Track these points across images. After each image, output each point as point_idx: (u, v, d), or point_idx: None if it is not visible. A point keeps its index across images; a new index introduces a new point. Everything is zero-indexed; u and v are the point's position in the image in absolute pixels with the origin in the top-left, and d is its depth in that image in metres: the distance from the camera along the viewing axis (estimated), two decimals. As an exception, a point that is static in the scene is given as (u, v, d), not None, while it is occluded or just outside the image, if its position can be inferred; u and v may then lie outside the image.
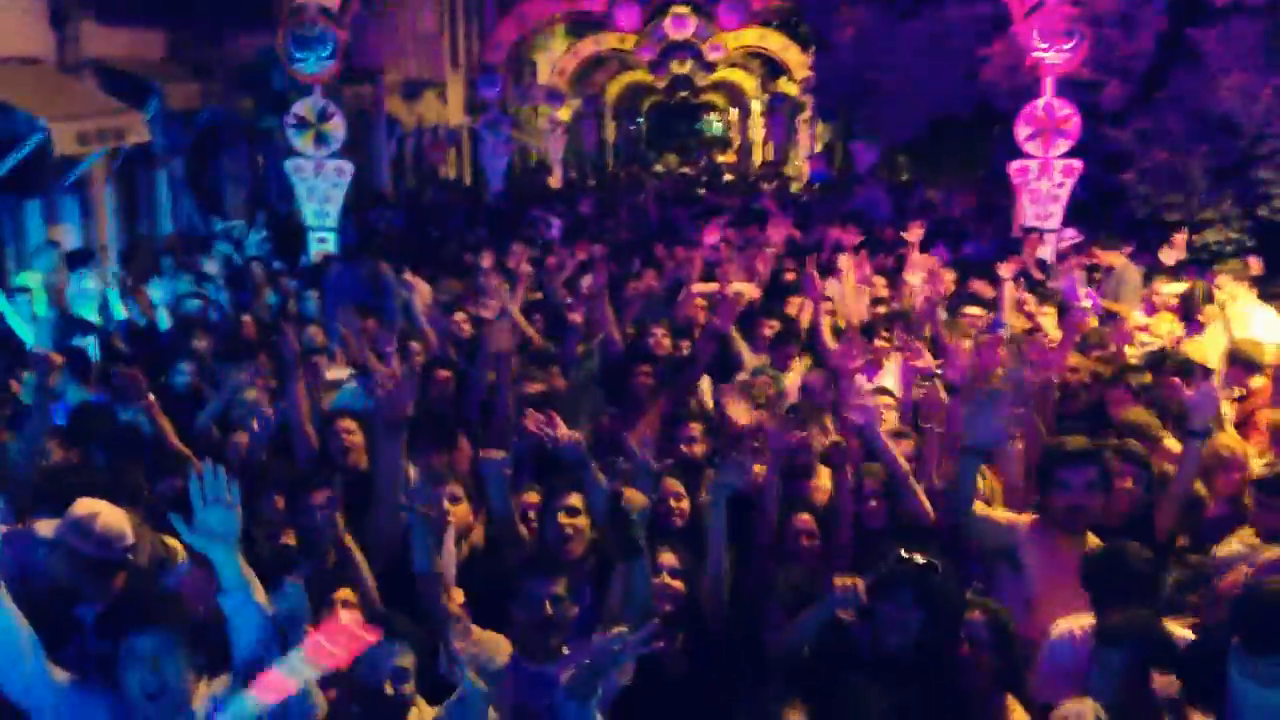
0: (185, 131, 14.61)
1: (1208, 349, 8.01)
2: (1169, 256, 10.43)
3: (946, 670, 3.78)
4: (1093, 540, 4.38)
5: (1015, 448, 5.11)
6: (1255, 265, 10.17)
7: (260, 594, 3.34)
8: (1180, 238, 10.64)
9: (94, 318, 9.19)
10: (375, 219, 15.88)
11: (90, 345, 8.10)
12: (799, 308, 8.26)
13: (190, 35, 14.60)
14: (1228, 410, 6.15)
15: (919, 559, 3.82)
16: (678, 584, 4.19)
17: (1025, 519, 4.51)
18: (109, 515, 3.97)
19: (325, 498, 4.47)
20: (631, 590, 3.97)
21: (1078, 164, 12.54)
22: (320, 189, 13.17)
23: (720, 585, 4.30)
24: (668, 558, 4.22)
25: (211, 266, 10.77)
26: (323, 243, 13.09)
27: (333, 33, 12.77)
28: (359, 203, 16.10)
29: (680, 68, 31.81)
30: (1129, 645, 3.53)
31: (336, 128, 13.12)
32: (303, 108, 13.06)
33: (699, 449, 5.49)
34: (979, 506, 4.53)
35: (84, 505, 3.97)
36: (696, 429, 5.56)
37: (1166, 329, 8.70)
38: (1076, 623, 3.91)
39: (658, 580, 4.12)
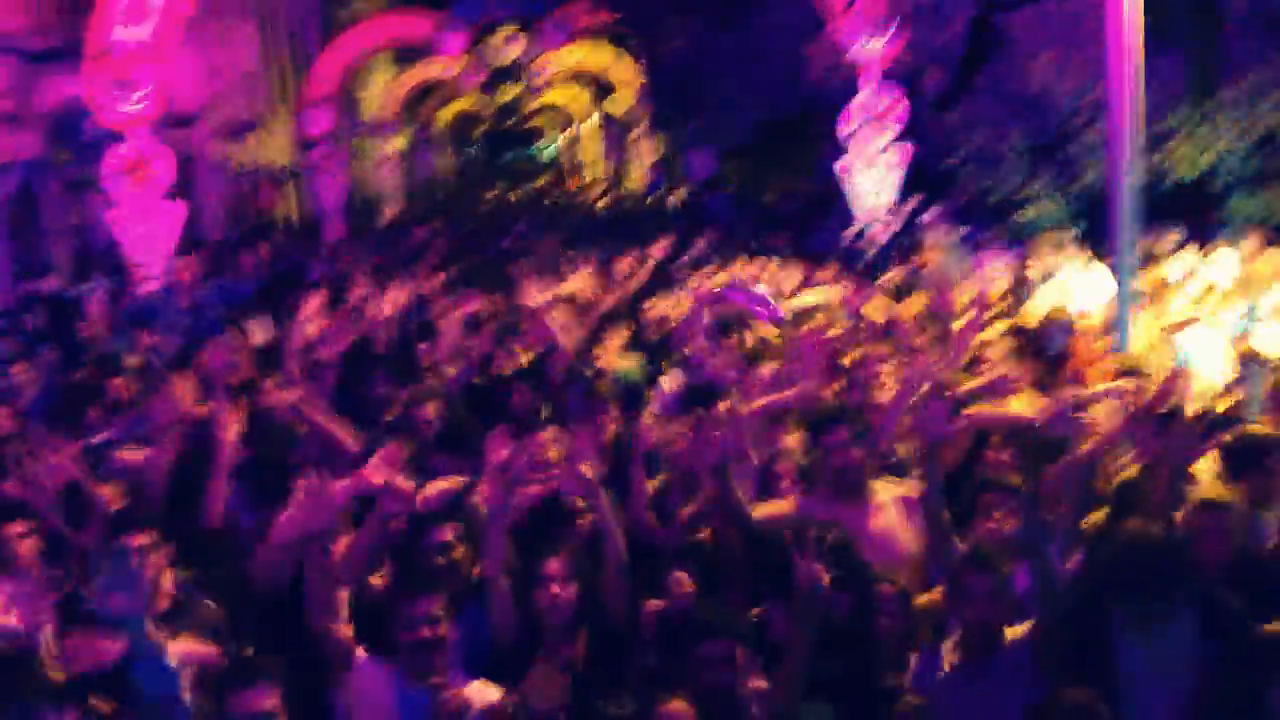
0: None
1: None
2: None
3: None
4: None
5: None
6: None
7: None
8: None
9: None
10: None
11: None
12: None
13: (-4, 86, 13.94)
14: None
15: None
16: (568, 591, 4.13)
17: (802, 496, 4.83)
18: None
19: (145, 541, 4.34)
20: None
21: (909, 146, 12.86)
22: (148, 237, 12.62)
23: (622, 575, 4.27)
24: (553, 565, 4.17)
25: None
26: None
27: (145, 74, 12.29)
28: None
29: (508, 92, 31.77)
30: None
31: (159, 172, 12.59)
32: (120, 153, 12.50)
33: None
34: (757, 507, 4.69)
35: None
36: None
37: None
38: None
39: (544, 592, 4.08)
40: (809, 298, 8.36)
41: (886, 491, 4.77)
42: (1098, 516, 4.67)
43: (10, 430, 6.49)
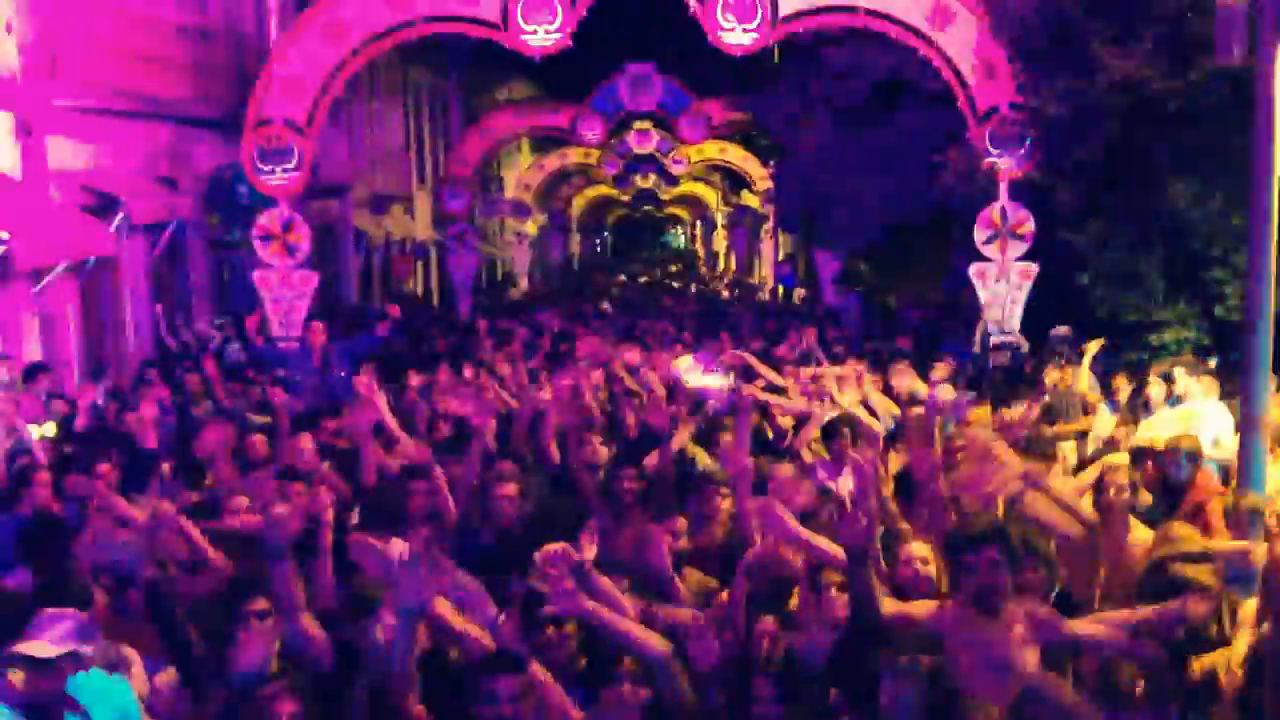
0: (150, 245, 14.64)
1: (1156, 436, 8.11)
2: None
3: None
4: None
5: None
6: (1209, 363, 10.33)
7: None
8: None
9: (51, 430, 9.03)
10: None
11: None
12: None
13: (158, 149, 14.73)
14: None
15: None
16: (641, 693, 4.12)
17: (940, 605, 4.56)
18: None
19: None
20: None
21: (1034, 267, 12.80)
22: (285, 299, 13.17)
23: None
24: (628, 665, 4.16)
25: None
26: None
27: (298, 146, 12.93)
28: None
29: (644, 181, 32.43)
30: None
31: (302, 239, 13.19)
32: (268, 219, 13.13)
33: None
34: (889, 603, 4.51)
35: None
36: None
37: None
38: None
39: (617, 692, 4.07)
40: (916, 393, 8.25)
41: (1019, 608, 4.58)
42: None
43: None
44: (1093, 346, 10.45)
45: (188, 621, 4.57)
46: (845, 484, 4.31)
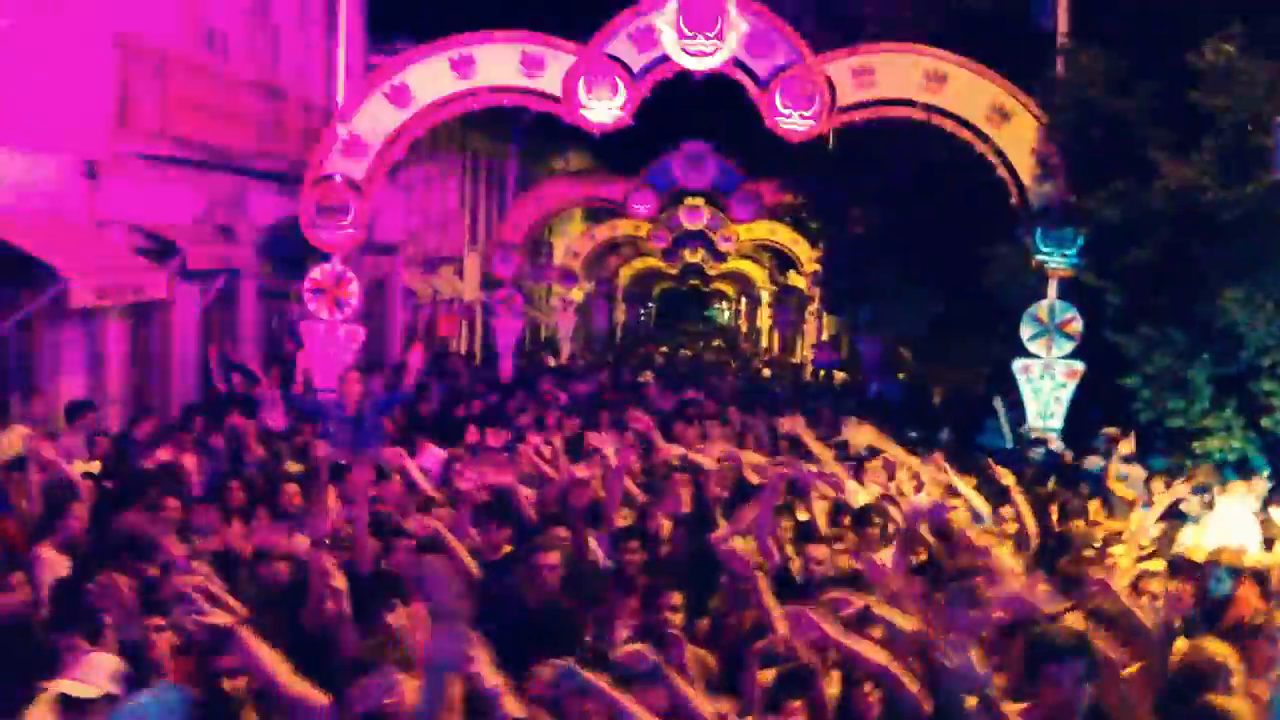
0: (204, 291, 14.89)
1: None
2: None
3: None
4: None
5: None
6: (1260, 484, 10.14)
7: None
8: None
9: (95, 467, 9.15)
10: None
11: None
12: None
13: (218, 198, 15.03)
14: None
15: None
16: None
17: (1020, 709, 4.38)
18: None
19: None
20: None
21: (1080, 366, 12.71)
22: (331, 352, 13.33)
23: None
24: None
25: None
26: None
27: (355, 204, 13.16)
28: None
29: (692, 256, 32.64)
30: None
31: (352, 294, 13.37)
32: (320, 272, 13.34)
33: None
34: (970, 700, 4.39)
35: None
36: None
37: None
38: None
39: None
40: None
41: None
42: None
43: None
44: (1124, 446, 10.35)
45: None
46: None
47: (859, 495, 8.17)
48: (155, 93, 12.78)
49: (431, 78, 13.13)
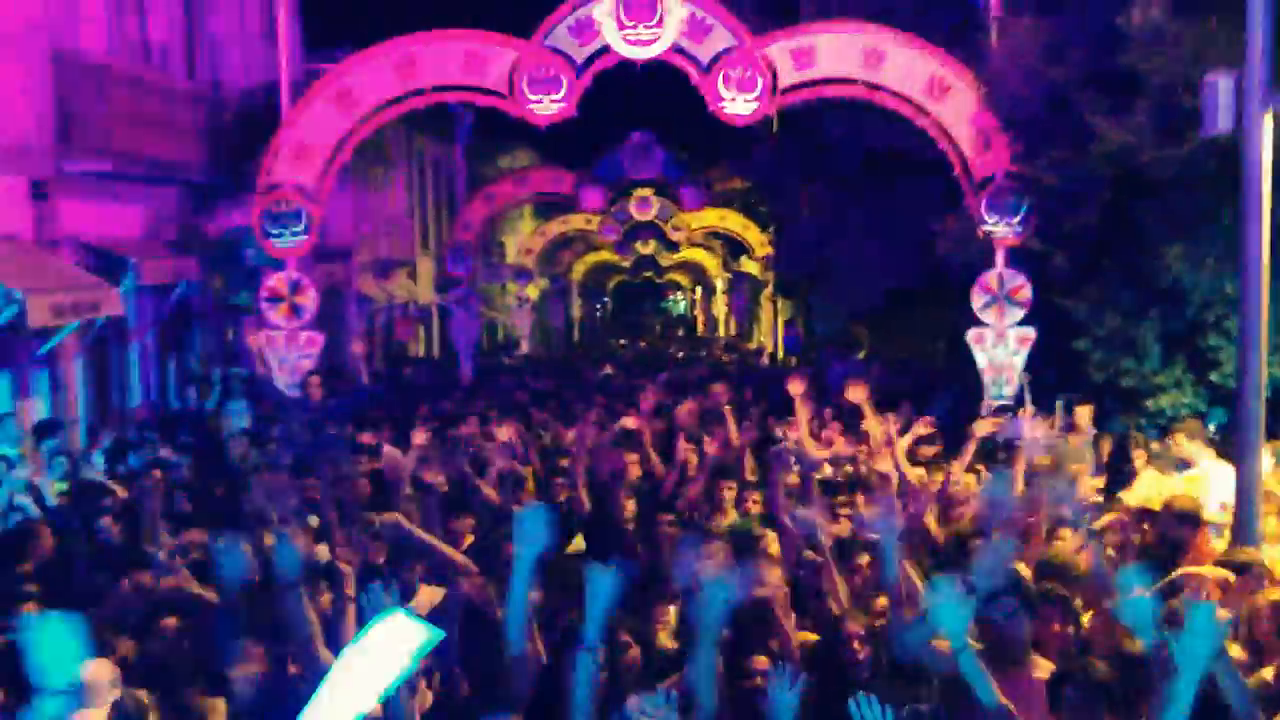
0: (159, 306, 14.81)
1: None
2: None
3: None
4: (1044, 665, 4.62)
5: None
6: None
7: None
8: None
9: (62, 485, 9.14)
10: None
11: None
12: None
13: (168, 213, 14.96)
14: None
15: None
16: None
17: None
18: None
19: None
20: None
21: (1031, 332, 12.95)
22: (290, 359, 13.31)
23: None
24: None
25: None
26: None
27: (307, 210, 13.14)
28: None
29: (644, 248, 32.71)
30: None
31: (308, 300, 13.36)
32: (276, 281, 13.31)
33: None
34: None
35: None
36: None
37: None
38: None
39: None
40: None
41: (1043, 669, 4.66)
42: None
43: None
44: (1082, 417, 10.59)
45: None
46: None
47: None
48: (97, 109, 12.71)
49: (376, 79, 13.13)
